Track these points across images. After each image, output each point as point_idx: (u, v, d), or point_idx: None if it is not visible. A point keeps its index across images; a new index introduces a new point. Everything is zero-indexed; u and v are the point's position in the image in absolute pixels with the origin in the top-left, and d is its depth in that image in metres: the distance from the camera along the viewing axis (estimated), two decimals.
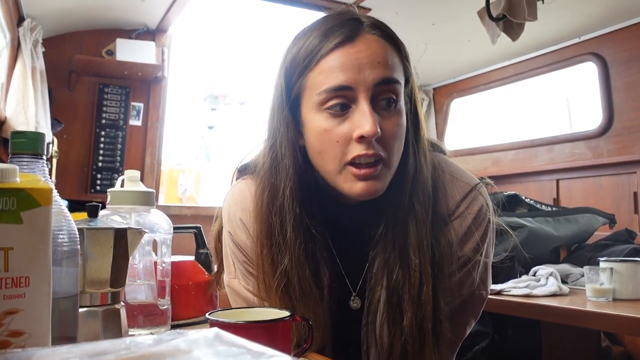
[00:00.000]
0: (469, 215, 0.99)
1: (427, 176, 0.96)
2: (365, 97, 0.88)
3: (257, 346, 0.45)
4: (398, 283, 0.93)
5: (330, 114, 0.90)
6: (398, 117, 0.91)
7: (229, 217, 1.06)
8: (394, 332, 0.94)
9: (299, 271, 0.94)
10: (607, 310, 1.52)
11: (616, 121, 2.78)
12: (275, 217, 0.95)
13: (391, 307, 0.94)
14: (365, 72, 0.88)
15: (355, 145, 0.88)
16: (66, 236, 0.66)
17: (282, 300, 0.96)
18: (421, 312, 0.92)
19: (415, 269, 0.92)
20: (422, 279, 0.92)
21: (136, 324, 1.01)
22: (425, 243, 0.93)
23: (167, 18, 3.05)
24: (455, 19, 2.81)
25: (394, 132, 0.90)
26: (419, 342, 0.92)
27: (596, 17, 2.71)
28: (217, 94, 6.14)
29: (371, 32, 0.92)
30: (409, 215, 0.94)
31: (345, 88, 0.88)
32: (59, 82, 3.06)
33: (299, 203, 0.94)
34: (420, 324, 0.92)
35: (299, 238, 0.94)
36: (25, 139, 0.65)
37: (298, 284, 0.94)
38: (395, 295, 0.94)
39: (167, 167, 5.14)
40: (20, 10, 2.62)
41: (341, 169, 0.90)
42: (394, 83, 0.90)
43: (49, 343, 0.58)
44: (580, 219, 2.27)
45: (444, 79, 3.75)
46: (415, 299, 0.92)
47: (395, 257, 0.94)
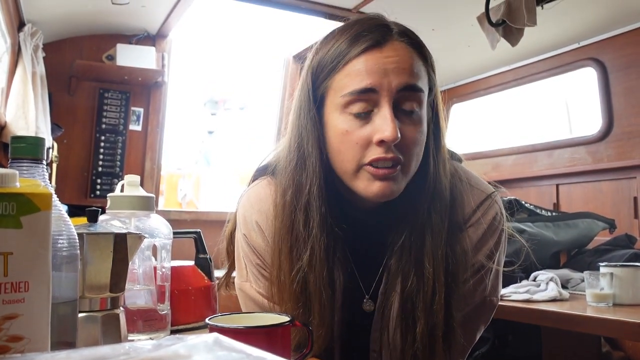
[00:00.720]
0: (484, 223, 0.99)
1: (445, 185, 0.96)
2: (388, 102, 0.89)
3: (257, 351, 0.45)
4: (412, 290, 0.94)
5: (353, 116, 0.91)
6: (419, 125, 0.92)
7: (245, 219, 1.06)
8: (407, 337, 0.94)
9: (317, 269, 0.94)
10: (608, 315, 1.52)
11: (616, 126, 2.78)
12: (299, 212, 0.95)
13: (405, 313, 0.95)
14: (390, 76, 0.89)
15: (374, 148, 0.89)
16: (66, 241, 0.66)
17: (296, 298, 0.96)
18: (433, 319, 0.92)
19: (429, 277, 0.93)
20: (435, 288, 0.93)
21: (136, 329, 1.01)
22: (440, 252, 0.94)
23: (167, 23, 3.05)
24: (455, 24, 2.82)
25: (414, 139, 0.91)
26: (429, 349, 0.92)
27: (595, 22, 2.72)
28: (217, 99, 6.15)
29: (400, 39, 0.93)
30: (426, 225, 0.94)
31: (369, 91, 0.89)
32: (59, 87, 3.06)
33: (324, 201, 0.95)
34: (431, 331, 0.92)
35: (322, 235, 0.94)
36: (25, 144, 0.65)
37: (314, 281, 0.94)
38: (409, 302, 0.94)
39: (167, 172, 5.14)
40: (21, 15, 2.63)
41: (358, 169, 0.91)
42: (418, 91, 0.91)
43: (48, 348, 0.58)
44: (580, 224, 2.27)
45: (443, 84, 3.76)
46: (428, 307, 0.92)
47: (411, 264, 0.94)
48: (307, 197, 0.95)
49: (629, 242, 2.24)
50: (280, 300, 0.99)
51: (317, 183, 0.95)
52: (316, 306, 0.95)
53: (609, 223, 2.32)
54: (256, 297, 1.05)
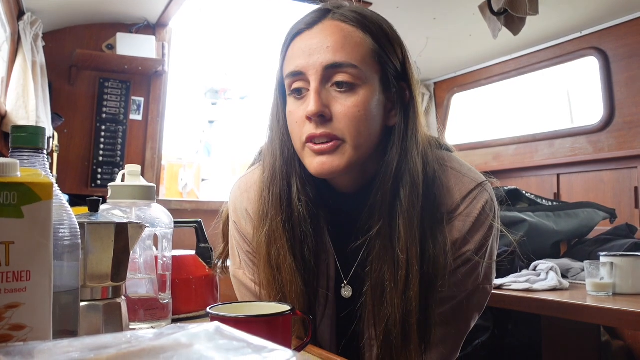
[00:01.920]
0: (474, 212, 0.98)
1: (418, 170, 0.95)
2: (315, 80, 0.92)
3: (258, 340, 0.46)
4: (383, 276, 0.94)
5: (295, 98, 0.96)
6: (356, 98, 0.92)
7: (235, 207, 1.09)
8: (377, 323, 0.94)
9: (277, 242, 0.97)
10: (607, 304, 1.52)
11: (617, 116, 2.78)
12: (263, 192, 1.00)
13: (375, 298, 0.95)
14: (314, 56, 0.92)
15: (308, 125, 0.92)
16: (67, 230, 0.66)
17: (272, 279, 0.98)
18: (406, 307, 0.92)
19: (402, 265, 0.92)
20: (409, 276, 0.92)
21: (137, 318, 1.01)
22: (413, 241, 0.92)
23: (167, 12, 3.04)
24: (457, 13, 2.80)
25: (349, 112, 0.91)
26: (402, 337, 0.92)
27: (598, 11, 2.70)
28: (217, 89, 6.13)
29: (334, 18, 0.95)
30: (395, 209, 0.94)
31: (298, 74, 0.94)
32: (59, 76, 3.06)
33: (281, 180, 0.98)
34: (404, 319, 0.92)
35: (276, 211, 0.97)
36: (25, 134, 0.65)
37: (276, 254, 0.97)
38: (379, 287, 0.94)
39: (167, 162, 5.14)
40: (20, 4, 2.62)
41: (303, 147, 0.94)
42: (347, 66, 0.92)
43: (50, 337, 0.58)
44: (581, 214, 2.27)
45: (445, 74, 3.75)
46: (400, 294, 0.92)
47: (383, 250, 0.94)
48: (268, 178, 1.00)
49: (630, 232, 2.24)
50: (262, 280, 1.01)
51: (280, 164, 0.99)
52: (284, 278, 0.96)
53: (610, 213, 2.32)
54: (248, 284, 1.07)
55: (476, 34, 2.90)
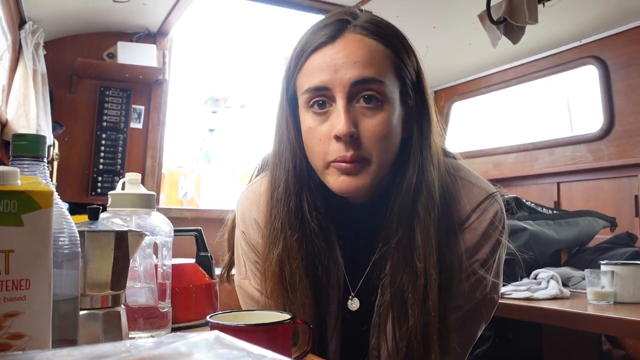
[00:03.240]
0: (484, 222, 0.98)
1: (433, 180, 0.94)
2: (342, 97, 0.89)
3: (258, 349, 0.45)
4: (403, 286, 0.93)
5: (314, 113, 0.93)
6: (382, 115, 0.90)
7: (243, 216, 1.08)
8: (399, 333, 0.93)
9: (291, 261, 0.95)
10: (609, 313, 1.52)
11: (617, 124, 2.78)
12: (274, 209, 0.98)
13: (395, 308, 0.94)
14: (341, 72, 0.90)
15: (335, 144, 0.90)
16: (67, 239, 0.66)
17: (278, 290, 0.97)
18: (426, 316, 0.92)
19: (420, 273, 0.91)
20: (428, 284, 0.92)
21: (137, 327, 1.01)
22: (430, 250, 0.92)
23: (168, 21, 3.05)
24: (456, 22, 2.81)
25: (376, 131, 0.90)
26: (424, 346, 0.92)
27: (597, 20, 2.71)
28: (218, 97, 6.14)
29: (356, 31, 0.93)
30: (413, 219, 0.93)
31: (322, 89, 0.91)
32: (60, 84, 3.06)
33: (295, 196, 0.96)
34: (424, 329, 0.91)
35: (291, 229, 0.95)
36: (26, 142, 0.65)
37: (289, 274, 0.95)
38: (399, 297, 0.93)
39: (168, 170, 5.14)
40: (21, 13, 2.63)
41: (326, 165, 0.92)
42: (374, 82, 0.90)
43: (50, 346, 0.58)
44: (581, 222, 2.27)
45: (444, 82, 3.75)
46: (420, 303, 0.91)
47: (400, 259, 0.94)
48: (279, 191, 0.97)
49: (630, 241, 2.24)
50: (269, 294, 1.00)
51: (286, 178, 0.97)
52: (297, 298, 0.95)
53: (610, 221, 2.32)
54: (254, 294, 1.06)
55: (476, 43, 2.91)
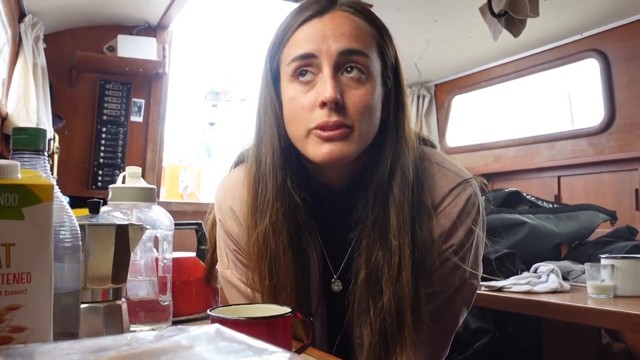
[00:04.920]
0: (457, 207, 0.99)
1: (408, 162, 0.96)
2: (328, 65, 0.91)
3: (258, 342, 0.46)
4: (378, 263, 0.94)
5: (299, 83, 0.94)
6: (366, 88, 0.92)
7: (220, 206, 1.09)
8: (373, 310, 0.95)
9: (276, 235, 0.96)
10: (608, 307, 1.52)
11: (618, 118, 2.78)
12: (261, 184, 0.98)
13: (370, 286, 0.95)
14: (329, 41, 0.92)
15: (318, 111, 0.91)
16: (68, 232, 0.66)
17: (266, 274, 0.98)
18: (400, 293, 0.93)
19: (394, 251, 0.93)
20: (402, 262, 0.93)
21: (137, 320, 1.01)
22: (405, 228, 0.94)
23: (168, 14, 3.04)
24: (457, 15, 2.80)
25: (361, 102, 0.92)
26: (397, 321, 0.93)
27: (598, 13, 2.71)
28: (218, 91, 6.12)
29: (343, 9, 0.96)
30: (388, 199, 0.95)
31: (310, 56, 0.92)
32: (60, 78, 3.06)
33: (281, 169, 0.97)
34: (398, 304, 0.92)
35: (280, 203, 0.97)
36: (26, 136, 0.65)
37: (274, 249, 0.97)
38: (374, 275, 0.95)
39: (168, 164, 5.13)
40: (21, 6, 2.62)
41: (307, 134, 0.93)
42: (360, 54, 0.92)
43: (51, 339, 0.58)
44: (582, 216, 2.27)
45: (445, 76, 3.75)
46: (394, 280, 0.93)
47: (375, 238, 0.95)
48: (264, 167, 0.98)
49: (630, 234, 2.24)
50: (251, 278, 1.01)
51: (272, 154, 0.97)
52: (281, 278, 0.96)
53: (610, 215, 2.32)
54: (237, 283, 1.07)
55: (477, 36, 2.90)
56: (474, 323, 2.22)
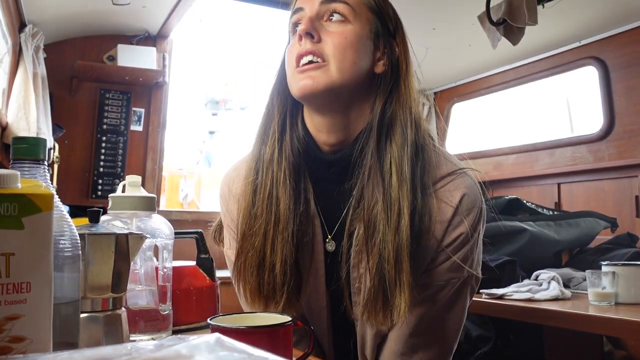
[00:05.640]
0: (457, 195, 0.99)
1: (407, 120, 0.98)
2: (310, 11, 1.00)
3: (259, 351, 0.45)
4: (376, 213, 0.95)
5: (293, 35, 1.03)
6: (345, 28, 0.98)
7: (222, 187, 1.17)
8: (371, 259, 0.95)
9: (279, 187, 1.01)
10: (610, 314, 1.52)
11: (617, 125, 2.78)
12: (269, 138, 1.05)
13: (368, 236, 0.96)
14: None
15: (298, 46, 0.99)
16: (68, 241, 0.66)
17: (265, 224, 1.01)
18: (399, 240, 0.93)
19: (394, 202, 0.94)
20: (401, 212, 0.93)
21: (137, 329, 1.01)
22: (403, 180, 0.95)
23: (168, 24, 3.05)
24: (456, 23, 2.81)
25: (336, 38, 0.97)
26: (395, 268, 0.93)
27: (596, 21, 2.72)
28: (218, 99, 6.14)
29: None
30: (386, 150, 0.97)
31: (299, 10, 1.02)
32: (60, 87, 3.07)
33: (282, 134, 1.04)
34: (397, 251, 0.93)
35: (282, 154, 1.02)
36: (26, 145, 0.65)
37: (276, 201, 1.01)
38: (372, 225, 0.95)
39: (168, 173, 5.14)
40: (21, 16, 2.63)
41: (294, 72, 0.99)
42: (340, 2, 0.99)
43: (50, 349, 0.58)
44: (582, 223, 2.27)
45: (444, 84, 3.76)
46: (393, 230, 0.93)
47: (374, 187, 0.96)
48: (272, 129, 1.05)
49: (631, 241, 2.24)
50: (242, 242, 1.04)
51: (278, 119, 1.05)
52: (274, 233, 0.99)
53: (611, 222, 2.32)
54: (232, 258, 1.10)
55: (476, 44, 2.91)
56: (475, 331, 2.21)
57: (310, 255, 1.04)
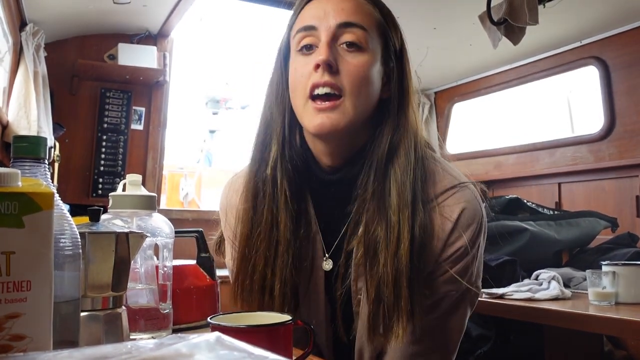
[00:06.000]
0: (457, 208, 0.98)
1: (410, 142, 0.98)
2: (326, 35, 0.96)
3: (259, 350, 0.45)
4: (377, 237, 0.95)
5: (302, 55, 0.99)
6: (362, 58, 0.96)
7: (221, 201, 1.17)
8: (370, 282, 0.95)
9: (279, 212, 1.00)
10: (610, 314, 1.52)
11: (618, 125, 2.78)
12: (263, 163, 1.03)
13: (368, 257, 0.96)
14: (329, 16, 0.97)
15: (314, 75, 0.95)
16: (68, 240, 0.66)
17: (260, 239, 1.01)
18: (398, 265, 0.93)
19: (393, 225, 0.94)
20: (400, 236, 0.93)
21: (138, 328, 1.01)
22: (405, 205, 0.94)
23: (168, 23, 3.05)
24: (457, 23, 2.81)
25: (355, 69, 0.96)
26: (394, 295, 0.92)
27: (597, 20, 2.71)
28: (218, 98, 6.14)
29: None
30: (389, 174, 0.96)
31: (311, 28, 0.98)
32: (61, 86, 3.06)
33: (283, 155, 1.02)
34: (395, 277, 0.92)
35: (282, 158, 1.01)
36: (27, 144, 0.65)
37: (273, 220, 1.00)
38: (372, 249, 0.95)
39: (168, 171, 5.14)
40: (22, 15, 2.63)
41: (305, 103, 0.97)
42: (357, 27, 0.97)
43: (51, 347, 0.58)
44: (582, 223, 2.27)
45: (445, 83, 3.75)
46: (392, 254, 0.93)
47: (375, 212, 0.96)
48: (272, 142, 1.03)
49: (631, 241, 2.24)
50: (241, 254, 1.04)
51: (277, 129, 1.03)
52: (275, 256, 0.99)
53: (611, 222, 2.32)
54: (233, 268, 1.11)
55: (476, 44, 2.91)
56: (475, 330, 2.21)
57: (309, 274, 1.04)
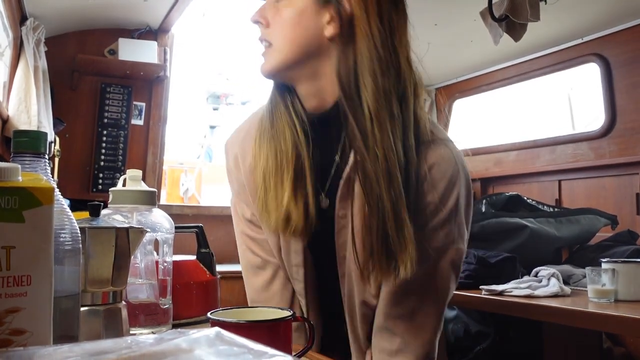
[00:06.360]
0: (427, 163, 1.00)
1: (375, 66, 0.97)
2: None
3: (259, 346, 0.46)
4: (370, 170, 0.95)
5: None
6: (284, 8, 1.02)
7: (225, 146, 1.25)
8: (372, 211, 0.95)
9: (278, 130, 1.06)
10: (609, 311, 1.52)
11: (619, 122, 2.77)
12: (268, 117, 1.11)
13: (366, 190, 0.96)
14: None
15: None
16: (68, 235, 0.66)
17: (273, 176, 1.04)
18: (395, 196, 0.94)
19: (381, 159, 0.94)
20: (390, 168, 0.94)
21: (137, 323, 1.01)
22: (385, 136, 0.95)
23: (169, 18, 3.05)
24: (458, 19, 2.81)
25: (279, 19, 1.03)
26: (396, 225, 0.93)
27: (599, 17, 2.71)
28: (219, 94, 6.14)
29: None
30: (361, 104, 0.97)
31: None
32: (61, 81, 3.06)
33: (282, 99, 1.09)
34: (394, 208, 0.94)
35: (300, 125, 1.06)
36: (27, 138, 0.65)
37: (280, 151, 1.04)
38: (367, 183, 0.96)
39: (169, 167, 5.14)
40: (23, 9, 2.63)
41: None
42: None
43: (50, 342, 0.58)
44: (582, 220, 2.27)
45: (446, 80, 3.75)
46: (387, 186, 0.94)
47: (360, 146, 0.96)
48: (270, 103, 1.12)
49: (631, 238, 2.24)
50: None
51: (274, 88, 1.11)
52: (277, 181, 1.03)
53: (611, 219, 2.32)
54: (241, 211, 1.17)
55: (477, 40, 2.90)
56: (475, 327, 2.21)
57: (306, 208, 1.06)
